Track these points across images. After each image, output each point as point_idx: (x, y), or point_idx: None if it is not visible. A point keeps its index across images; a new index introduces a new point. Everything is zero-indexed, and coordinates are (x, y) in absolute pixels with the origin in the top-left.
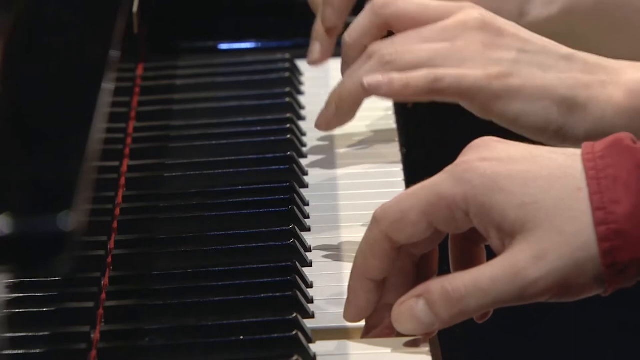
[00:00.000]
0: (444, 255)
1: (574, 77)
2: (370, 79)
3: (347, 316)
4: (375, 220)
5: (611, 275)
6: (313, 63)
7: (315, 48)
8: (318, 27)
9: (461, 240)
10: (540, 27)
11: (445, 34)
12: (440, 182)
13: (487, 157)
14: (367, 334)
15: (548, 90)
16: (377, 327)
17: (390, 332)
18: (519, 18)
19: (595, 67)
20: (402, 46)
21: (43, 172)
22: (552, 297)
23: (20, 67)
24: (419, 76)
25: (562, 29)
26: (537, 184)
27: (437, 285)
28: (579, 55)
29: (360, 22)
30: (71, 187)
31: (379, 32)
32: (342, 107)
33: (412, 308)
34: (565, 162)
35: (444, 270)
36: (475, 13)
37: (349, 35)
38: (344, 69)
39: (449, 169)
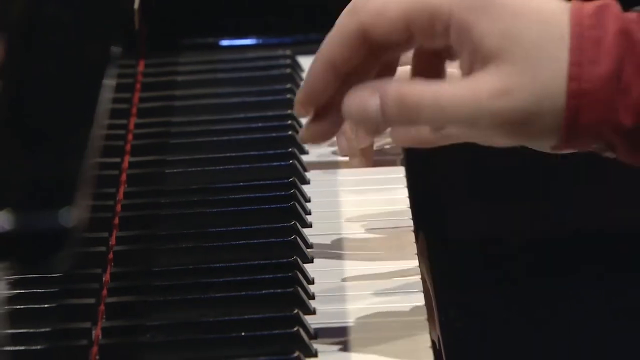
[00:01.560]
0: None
1: None
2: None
3: (300, 100)
4: (354, 9)
5: (568, 133)
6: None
7: (355, 163)
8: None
9: (428, 52)
10: None
11: None
12: None
13: None
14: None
15: None
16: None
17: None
18: None
19: None
20: None
21: (44, 168)
22: (502, 134)
23: (22, 63)
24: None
25: None
26: (525, 19)
27: (395, 87)
28: None
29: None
30: (72, 183)
31: None
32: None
33: (364, 99)
34: (557, 9)
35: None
36: None
37: None
38: None
39: None
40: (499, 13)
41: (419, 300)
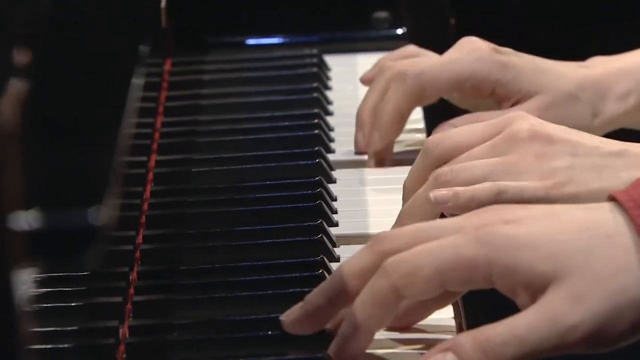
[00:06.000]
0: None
1: (629, 173)
2: (436, 192)
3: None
4: (385, 270)
5: None
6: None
7: (371, 163)
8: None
9: None
10: (617, 122)
11: (496, 150)
12: (460, 244)
13: (508, 220)
14: None
15: (605, 191)
16: None
17: None
18: (593, 119)
19: None
20: (456, 166)
21: (73, 166)
22: (588, 345)
23: (51, 62)
24: (483, 188)
25: None
26: (563, 236)
27: (467, 337)
28: (632, 150)
29: (416, 166)
30: (101, 181)
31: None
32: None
33: None
34: (587, 215)
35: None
36: (525, 124)
37: (408, 180)
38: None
39: (469, 231)
40: (536, 242)
41: None
